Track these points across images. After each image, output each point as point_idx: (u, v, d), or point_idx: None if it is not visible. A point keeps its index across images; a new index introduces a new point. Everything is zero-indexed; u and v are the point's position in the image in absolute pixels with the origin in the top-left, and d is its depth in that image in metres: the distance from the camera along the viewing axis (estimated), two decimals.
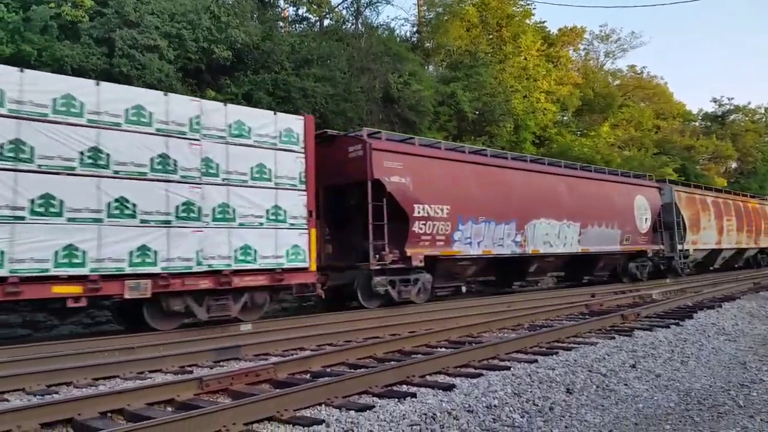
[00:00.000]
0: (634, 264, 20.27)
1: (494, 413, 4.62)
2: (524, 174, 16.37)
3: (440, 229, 13.39)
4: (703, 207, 23.82)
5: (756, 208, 29.78)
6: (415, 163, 13.17)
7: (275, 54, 18.52)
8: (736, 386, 5.52)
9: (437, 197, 13.36)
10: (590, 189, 18.39)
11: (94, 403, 4.73)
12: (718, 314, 10.31)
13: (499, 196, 15.02)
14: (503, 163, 16.02)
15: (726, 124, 50.84)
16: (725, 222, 25.54)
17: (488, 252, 14.59)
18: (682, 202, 22.30)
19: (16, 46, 13.52)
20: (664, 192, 21.87)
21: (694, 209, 22.95)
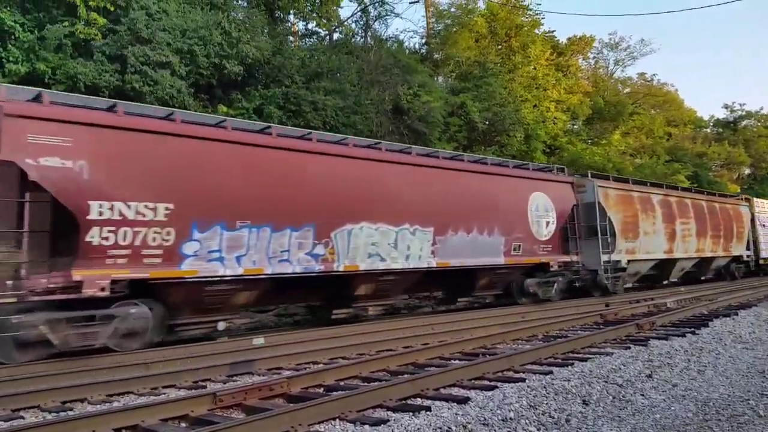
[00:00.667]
0: (534, 281, 15.51)
1: (510, 426, 4.58)
2: (334, 161, 11.58)
3: (152, 239, 9.07)
4: (645, 207, 19.31)
5: (727, 208, 24.97)
6: (102, 139, 8.76)
7: (285, 68, 18.67)
8: (755, 395, 5.44)
9: (143, 190, 9.00)
10: (455, 184, 13.67)
11: (108, 419, 4.74)
12: (735, 322, 10.18)
13: (281, 192, 10.60)
14: (292, 145, 11.15)
15: (738, 130, 50.53)
16: (679, 225, 20.81)
17: (257, 271, 10.25)
18: (609, 200, 17.81)
19: (31, 65, 13.73)
20: (584, 189, 17.55)
21: (629, 210, 18.58)
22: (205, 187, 9.68)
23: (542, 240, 15.59)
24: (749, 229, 26.24)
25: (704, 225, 22.46)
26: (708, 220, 22.74)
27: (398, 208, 12.42)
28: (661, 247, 19.92)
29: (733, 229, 24.71)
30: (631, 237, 18.41)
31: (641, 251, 18.77)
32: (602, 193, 17.56)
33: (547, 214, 15.82)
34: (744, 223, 25.74)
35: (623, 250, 17.85)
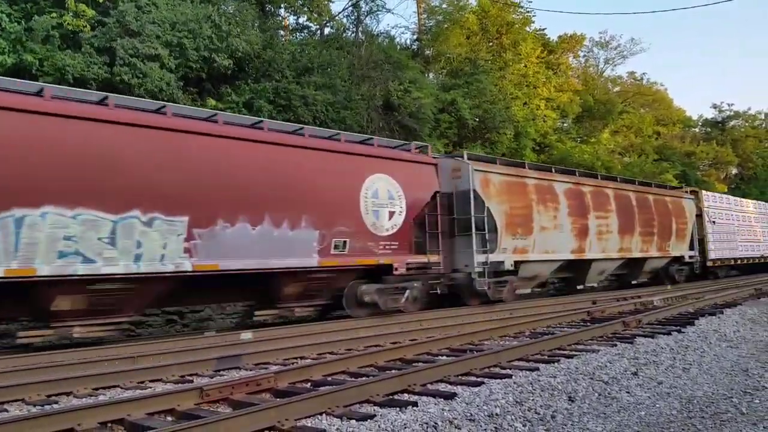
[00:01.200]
0: (373, 288, 12.09)
1: (496, 422, 4.60)
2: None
3: None
4: (544, 197, 15.90)
5: (665, 201, 21.36)
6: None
7: (276, 62, 18.59)
8: (738, 393, 5.50)
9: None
10: (235, 157, 10.21)
11: (93, 413, 4.71)
12: (720, 321, 10.27)
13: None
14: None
15: (726, 130, 50.92)
16: (594, 220, 17.43)
17: None
18: (491, 188, 14.35)
19: (18, 56, 13.58)
20: (459, 173, 14.15)
21: (520, 200, 15.11)
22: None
23: (383, 236, 12.19)
24: (694, 226, 22.96)
25: (631, 220, 19.15)
26: (637, 215, 19.45)
27: (120, 187, 8.86)
28: (568, 246, 16.56)
29: (672, 226, 21.37)
30: (522, 233, 14.96)
31: (537, 250, 15.42)
32: (480, 179, 14.15)
33: (393, 202, 12.38)
34: (687, 219, 22.46)
35: (509, 248, 14.56)
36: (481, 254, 13.90)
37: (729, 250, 25.66)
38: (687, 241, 22.44)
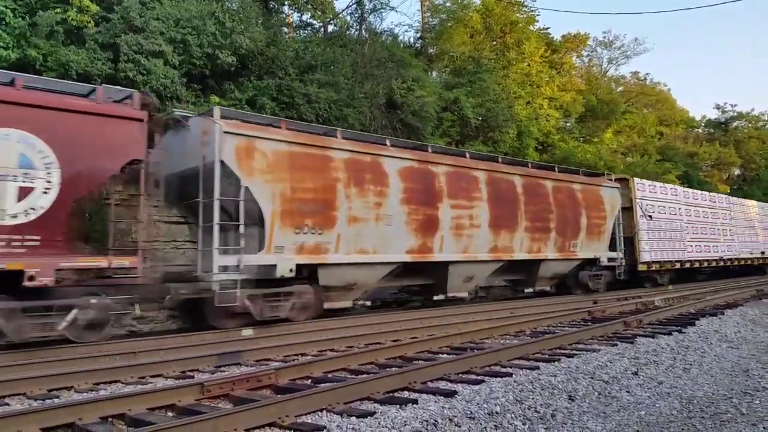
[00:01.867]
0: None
1: (496, 420, 4.61)
2: None
3: None
4: (359, 177, 11.92)
5: (571, 189, 17.12)
6: None
7: (279, 60, 18.58)
8: (738, 394, 5.50)
9: None
10: None
11: (95, 408, 4.73)
12: (721, 321, 10.27)
13: None
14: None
15: (729, 131, 50.81)
16: (449, 210, 13.37)
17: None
18: (256, 160, 10.50)
19: (22, 51, 13.59)
20: (207, 137, 10.31)
21: (314, 180, 11.24)
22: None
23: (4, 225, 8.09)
24: (618, 221, 18.72)
25: (512, 211, 14.95)
26: (522, 205, 15.23)
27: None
28: (402, 244, 12.51)
29: (581, 221, 17.01)
30: (314, 226, 11.09)
31: (345, 250, 11.52)
32: (236, 147, 10.24)
33: (30, 172, 8.29)
34: (606, 212, 18.00)
35: (289, 247, 10.72)
36: (228, 255, 9.97)
37: (671, 251, 21.39)
38: (605, 239, 17.95)
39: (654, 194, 21.16)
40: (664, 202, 21.67)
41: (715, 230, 25.05)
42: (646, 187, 20.95)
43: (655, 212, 20.73)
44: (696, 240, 23.29)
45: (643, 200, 20.30)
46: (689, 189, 25.92)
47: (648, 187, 21.15)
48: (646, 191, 20.76)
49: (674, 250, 21.62)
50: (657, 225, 20.77)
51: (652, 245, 20.27)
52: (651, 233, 20.32)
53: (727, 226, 26.22)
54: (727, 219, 26.27)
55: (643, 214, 20.05)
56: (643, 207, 20.18)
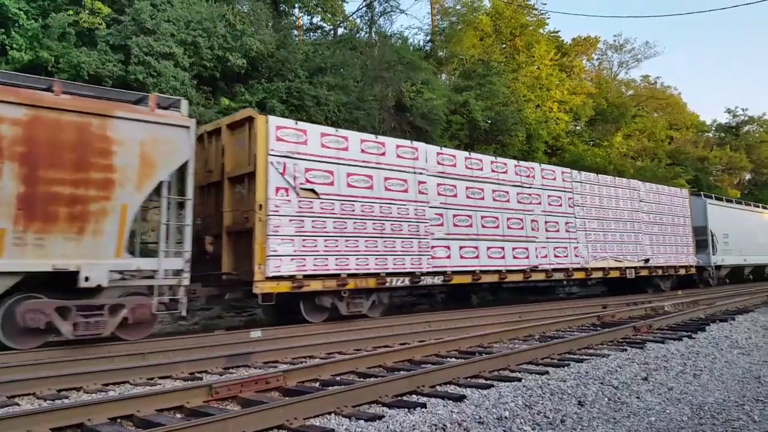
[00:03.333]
0: None
1: (505, 425, 4.58)
2: None
3: None
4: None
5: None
6: None
7: (289, 62, 18.62)
8: (750, 401, 5.45)
9: None
10: None
11: (104, 408, 4.75)
12: (732, 327, 10.19)
13: None
14: None
15: (740, 135, 50.39)
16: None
17: None
18: None
19: (35, 53, 13.69)
20: None
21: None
22: None
23: None
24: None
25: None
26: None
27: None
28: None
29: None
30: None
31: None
32: None
33: None
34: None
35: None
36: None
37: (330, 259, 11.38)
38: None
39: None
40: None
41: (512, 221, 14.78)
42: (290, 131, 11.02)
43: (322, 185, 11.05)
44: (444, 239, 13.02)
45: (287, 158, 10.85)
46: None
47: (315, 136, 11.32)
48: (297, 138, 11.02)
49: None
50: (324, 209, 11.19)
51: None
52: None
53: (563, 215, 16.12)
54: (566, 204, 16.27)
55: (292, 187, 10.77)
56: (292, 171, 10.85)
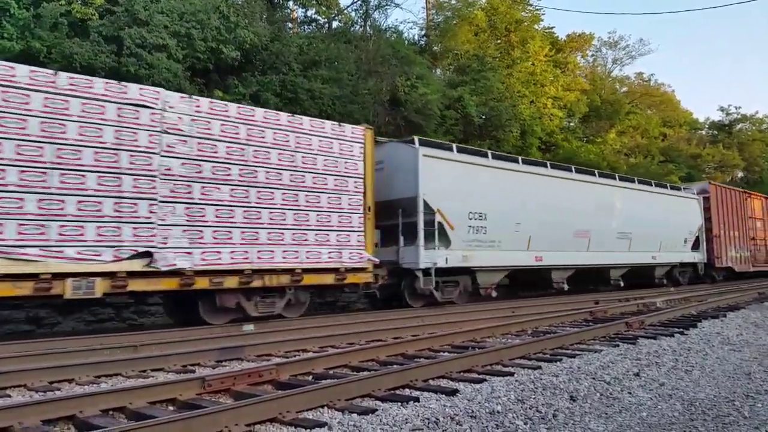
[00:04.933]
0: None
1: (497, 419, 4.59)
2: None
3: None
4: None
5: None
6: None
7: (283, 55, 18.53)
8: (741, 397, 5.48)
9: None
10: None
11: (95, 400, 4.73)
12: (723, 324, 10.25)
13: None
14: None
15: (733, 133, 50.64)
16: None
17: None
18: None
19: (26, 43, 13.57)
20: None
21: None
22: None
23: None
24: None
25: None
26: None
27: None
28: None
29: None
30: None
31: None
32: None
33: None
34: None
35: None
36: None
37: None
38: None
39: None
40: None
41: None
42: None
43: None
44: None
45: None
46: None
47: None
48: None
49: None
50: None
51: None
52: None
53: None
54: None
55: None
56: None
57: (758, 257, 26.97)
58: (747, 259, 25.78)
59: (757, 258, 26.70)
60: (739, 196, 25.95)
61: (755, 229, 26.93)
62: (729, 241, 24.33)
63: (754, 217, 26.99)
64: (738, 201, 25.58)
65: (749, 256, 25.88)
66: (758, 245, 27.01)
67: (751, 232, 26.41)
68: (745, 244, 25.69)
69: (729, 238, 24.34)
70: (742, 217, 25.72)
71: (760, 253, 27.23)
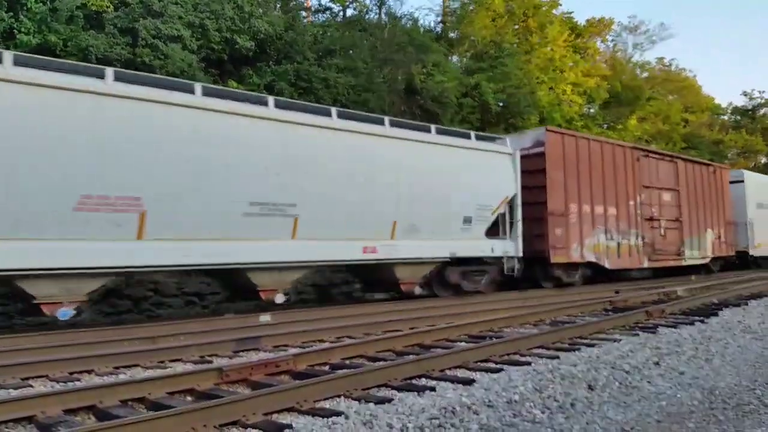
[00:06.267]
0: None
1: (515, 408, 4.56)
2: None
3: None
4: None
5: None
6: None
7: (298, 44, 18.52)
8: (762, 385, 5.40)
9: None
10: None
11: (115, 391, 4.78)
12: (745, 312, 10.10)
13: None
14: None
15: (756, 118, 49.73)
16: None
17: None
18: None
19: (43, 36, 13.69)
20: None
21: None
22: None
23: None
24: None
25: None
26: None
27: None
28: None
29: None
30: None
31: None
32: None
33: None
34: None
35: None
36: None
37: None
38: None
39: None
40: None
41: None
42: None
43: None
44: None
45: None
46: None
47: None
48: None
49: None
50: None
51: None
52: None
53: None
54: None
55: None
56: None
57: (661, 247, 17.98)
58: (636, 250, 16.98)
59: (656, 249, 17.76)
60: (624, 154, 17.12)
61: (659, 205, 18.13)
62: (592, 221, 15.65)
63: (654, 186, 18.04)
64: (621, 160, 16.92)
65: (641, 245, 17.13)
66: (662, 229, 18.08)
67: (649, 210, 17.67)
68: (634, 226, 17.00)
69: (593, 217, 15.69)
70: (628, 186, 16.98)
71: (666, 240, 18.24)
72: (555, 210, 14.71)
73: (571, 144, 15.52)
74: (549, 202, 14.56)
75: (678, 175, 19.18)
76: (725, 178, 22.01)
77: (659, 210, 18.11)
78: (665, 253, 18.08)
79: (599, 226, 15.87)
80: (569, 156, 15.26)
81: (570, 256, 14.94)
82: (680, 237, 18.81)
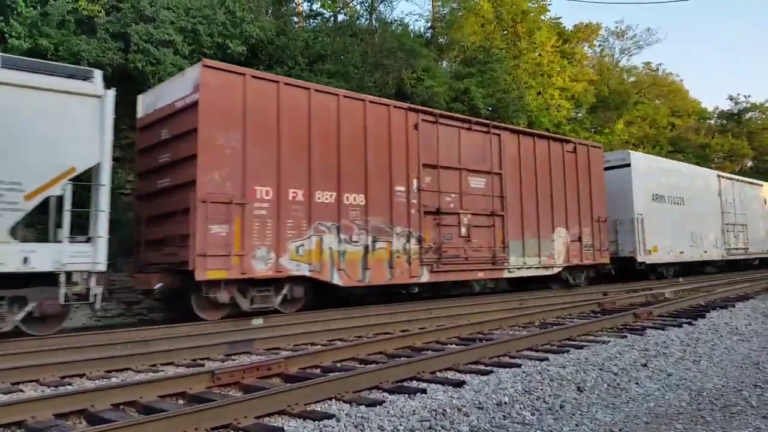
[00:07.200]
0: None
1: (504, 410, 4.62)
2: None
3: None
4: None
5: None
6: None
7: (289, 49, 18.55)
8: (749, 387, 5.48)
9: None
10: None
11: (106, 395, 4.79)
12: (731, 314, 10.22)
13: None
14: None
15: (742, 122, 50.23)
16: None
17: None
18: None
19: (34, 41, 13.63)
20: None
21: None
22: None
23: None
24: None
25: None
26: None
27: None
28: None
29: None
30: None
31: None
32: None
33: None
34: None
35: None
36: None
37: None
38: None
39: None
40: None
41: None
42: None
43: None
44: None
45: None
46: None
47: None
48: None
49: None
50: None
51: None
52: None
53: None
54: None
55: None
56: None
57: (459, 253, 13.20)
58: (407, 258, 12.20)
59: (448, 255, 13.00)
60: (387, 115, 12.53)
61: (458, 194, 13.42)
62: (308, 213, 10.78)
63: (448, 165, 13.35)
64: (381, 125, 12.38)
65: (417, 250, 12.42)
66: (461, 227, 13.30)
67: (435, 199, 12.90)
68: (405, 223, 12.32)
69: (310, 208, 10.82)
70: (394, 163, 12.40)
71: (471, 244, 13.50)
72: (215, 194, 9.65)
73: (261, 91, 10.51)
74: (200, 180, 9.55)
75: (502, 152, 14.58)
76: (596, 159, 17.48)
77: (458, 201, 13.33)
78: (466, 262, 13.34)
79: (324, 222, 11.03)
80: (257, 110, 10.38)
81: (249, 267, 9.90)
82: (498, 239, 14.05)
